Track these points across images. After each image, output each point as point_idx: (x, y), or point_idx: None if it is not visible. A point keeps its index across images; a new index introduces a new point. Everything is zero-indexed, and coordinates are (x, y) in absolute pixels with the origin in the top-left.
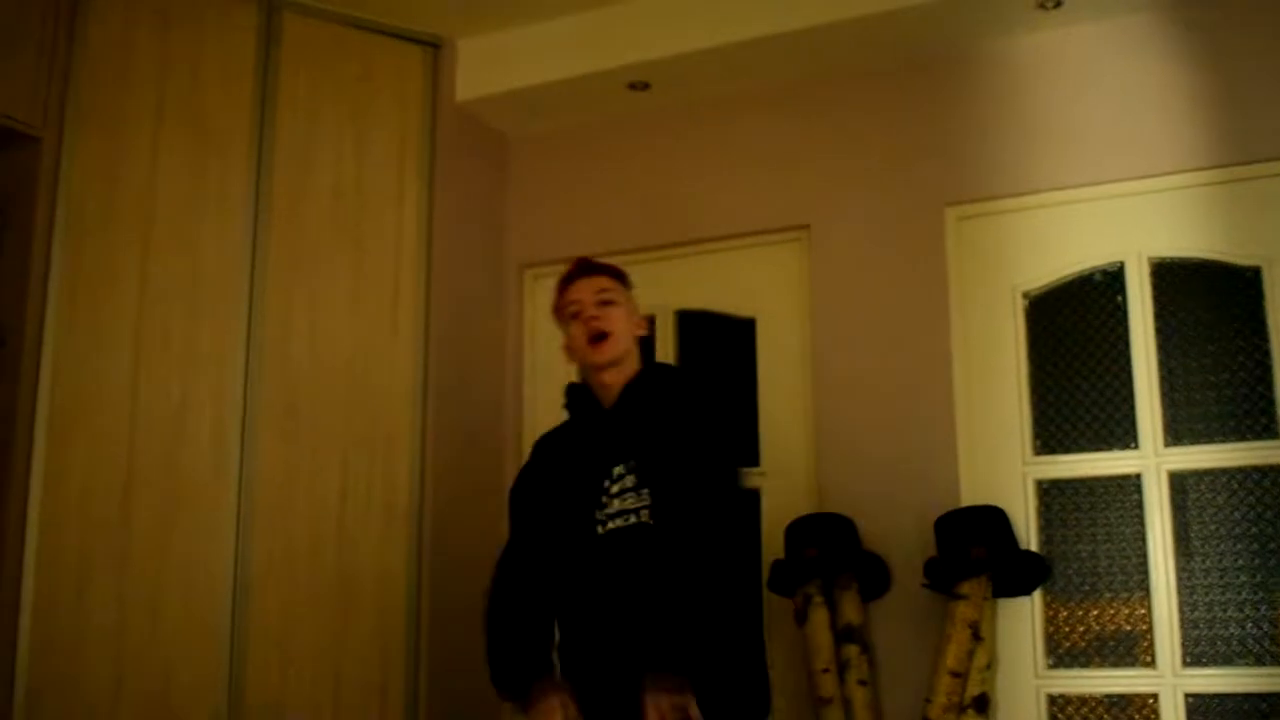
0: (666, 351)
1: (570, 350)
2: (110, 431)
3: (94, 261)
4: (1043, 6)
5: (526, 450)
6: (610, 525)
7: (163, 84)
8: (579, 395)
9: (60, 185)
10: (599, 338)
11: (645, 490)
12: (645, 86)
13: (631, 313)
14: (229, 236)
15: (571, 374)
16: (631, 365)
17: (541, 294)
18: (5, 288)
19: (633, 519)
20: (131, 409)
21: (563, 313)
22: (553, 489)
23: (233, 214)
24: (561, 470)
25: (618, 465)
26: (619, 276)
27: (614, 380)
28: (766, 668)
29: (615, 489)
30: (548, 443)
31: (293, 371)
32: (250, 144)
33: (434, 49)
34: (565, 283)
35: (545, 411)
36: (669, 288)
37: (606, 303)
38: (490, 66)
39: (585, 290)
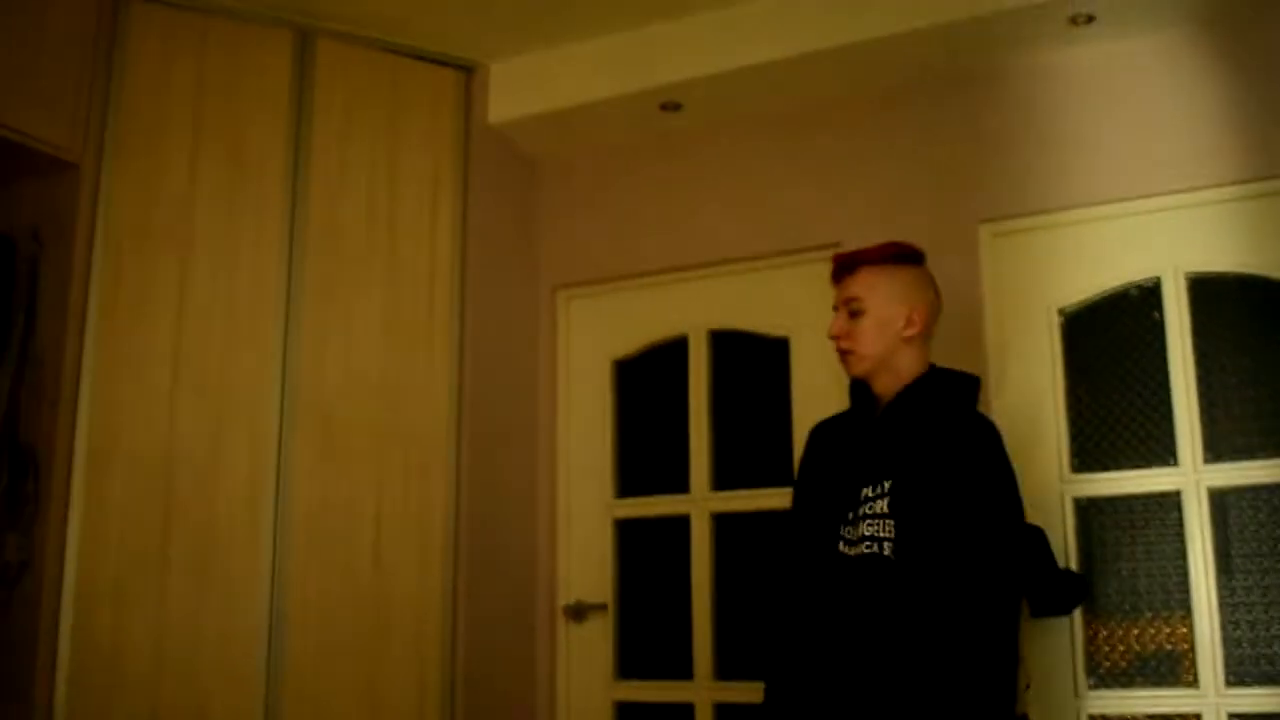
0: (699, 372)
1: None
2: (148, 457)
3: (131, 287)
4: (1075, 22)
5: (560, 471)
6: (855, 549)
7: (200, 110)
8: (859, 389)
9: (99, 211)
10: (842, 355)
11: (892, 522)
12: (677, 107)
13: (885, 315)
14: (265, 261)
15: None
16: (908, 368)
17: (575, 314)
18: (44, 313)
19: (874, 548)
20: (169, 435)
21: None
22: (813, 491)
23: (269, 238)
24: (825, 470)
25: (868, 486)
26: (881, 262)
27: (883, 389)
28: None
29: (865, 510)
30: (822, 433)
31: (328, 395)
32: (285, 168)
33: (466, 72)
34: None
35: (579, 432)
36: (701, 307)
37: (855, 314)
38: (522, 89)
39: (840, 295)
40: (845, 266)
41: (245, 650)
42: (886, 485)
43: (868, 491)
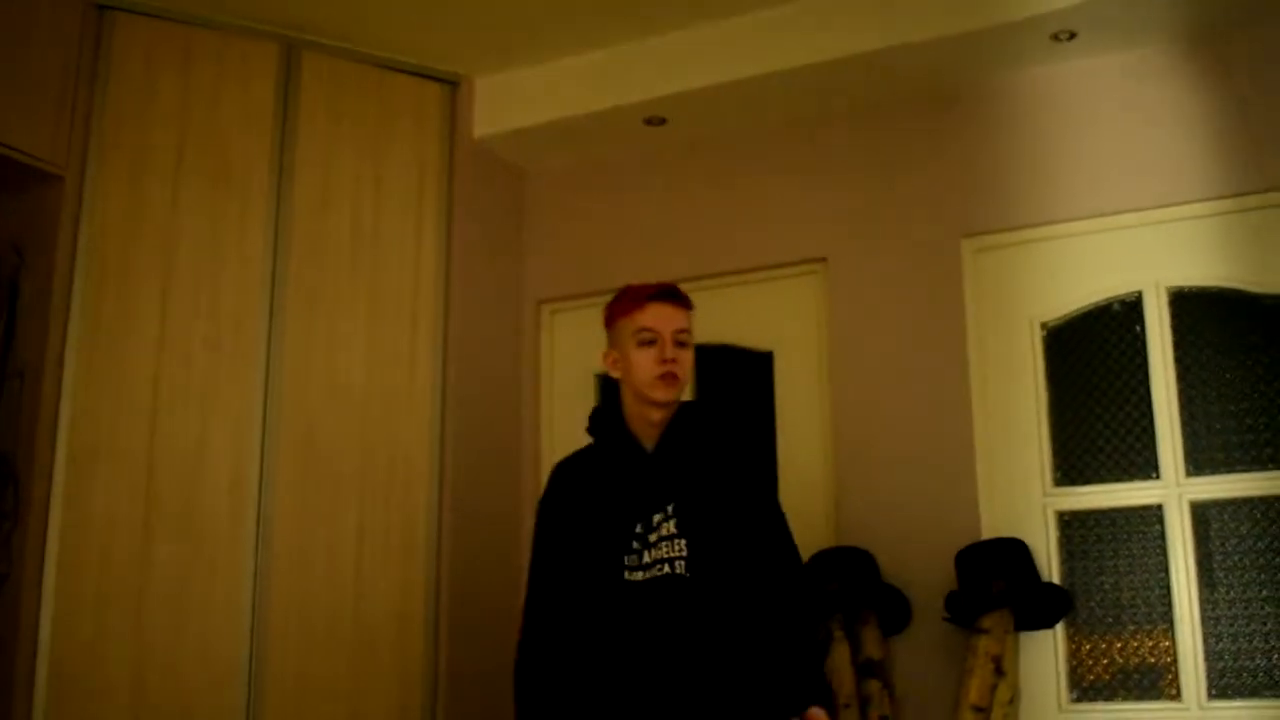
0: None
1: (622, 369)
2: (129, 472)
3: (114, 300)
4: (1057, 38)
5: (543, 486)
6: (645, 574)
7: (184, 123)
8: (612, 427)
9: (81, 224)
10: (670, 379)
11: (682, 541)
12: (661, 121)
13: (691, 353)
14: (248, 273)
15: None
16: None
17: (559, 329)
18: (26, 326)
19: (666, 569)
20: (150, 450)
21: (630, 331)
22: (581, 528)
23: (252, 250)
24: (591, 508)
25: (657, 512)
26: (690, 310)
27: (660, 418)
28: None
29: (653, 537)
30: (570, 472)
31: (310, 411)
32: (269, 182)
33: (452, 86)
34: (645, 301)
35: (563, 447)
36: None
37: (682, 344)
38: (507, 103)
39: (666, 322)
40: (672, 298)
41: (227, 660)
42: (670, 508)
43: (657, 517)
